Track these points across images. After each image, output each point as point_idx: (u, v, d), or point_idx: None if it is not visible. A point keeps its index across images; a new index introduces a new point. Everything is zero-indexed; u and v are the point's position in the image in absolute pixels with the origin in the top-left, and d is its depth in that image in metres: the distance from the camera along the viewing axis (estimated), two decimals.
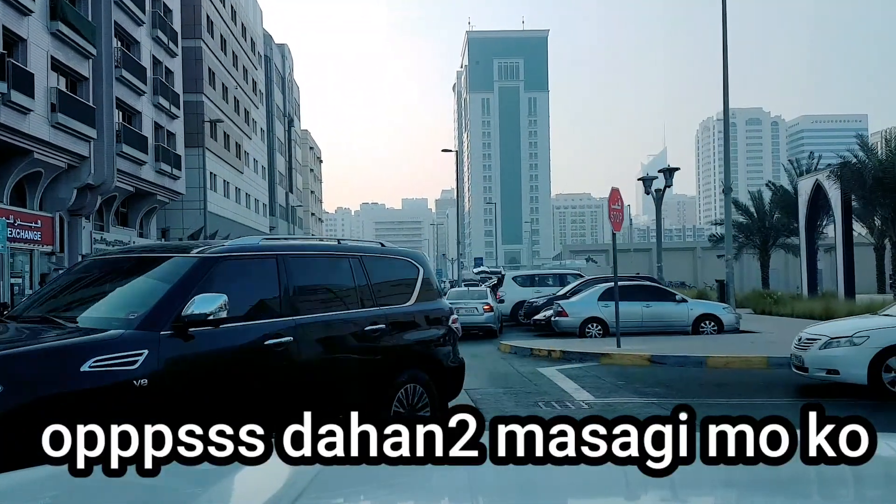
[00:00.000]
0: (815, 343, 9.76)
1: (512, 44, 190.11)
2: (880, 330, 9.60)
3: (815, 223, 29.03)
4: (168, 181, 39.07)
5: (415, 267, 6.75)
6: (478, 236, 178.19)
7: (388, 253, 6.72)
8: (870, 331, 9.55)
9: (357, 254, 6.17)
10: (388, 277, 6.49)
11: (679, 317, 16.82)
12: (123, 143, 32.74)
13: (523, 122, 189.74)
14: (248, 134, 58.33)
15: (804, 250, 28.91)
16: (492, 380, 11.82)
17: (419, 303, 6.56)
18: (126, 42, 35.17)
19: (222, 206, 49.59)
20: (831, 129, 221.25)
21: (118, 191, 33.99)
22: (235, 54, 55.35)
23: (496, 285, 26.63)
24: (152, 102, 37.31)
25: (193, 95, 44.48)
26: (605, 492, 1.60)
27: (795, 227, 34.23)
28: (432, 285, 6.94)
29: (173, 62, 40.96)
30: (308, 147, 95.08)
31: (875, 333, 9.47)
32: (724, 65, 20.64)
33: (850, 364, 9.28)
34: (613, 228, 13.81)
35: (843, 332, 9.66)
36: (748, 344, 14.57)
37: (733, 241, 39.18)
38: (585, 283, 22.15)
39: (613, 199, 13.65)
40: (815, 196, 27.74)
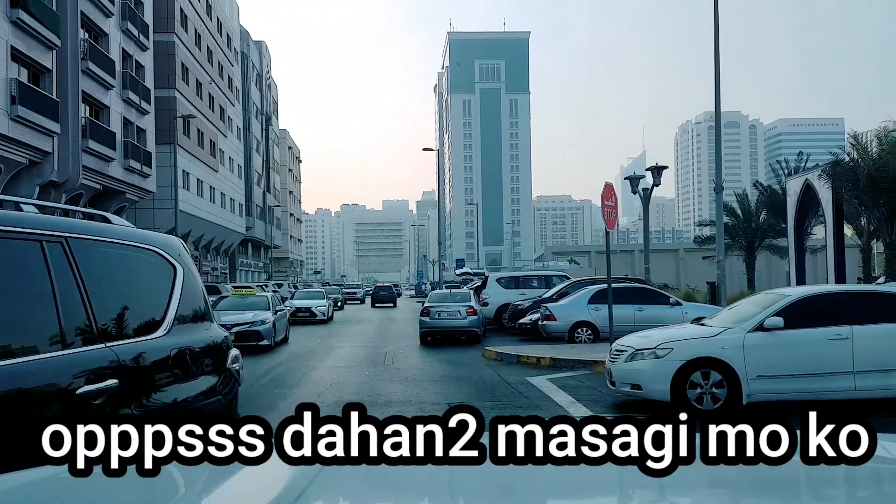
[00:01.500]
0: (622, 355, 8.90)
1: (493, 45, 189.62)
2: (686, 341, 8.74)
3: (804, 224, 28.35)
4: (138, 179, 37.66)
5: (167, 264, 3.77)
6: (459, 238, 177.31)
7: (118, 237, 3.49)
8: (675, 342, 8.69)
9: (57, 234, 2.99)
10: (118, 283, 3.48)
11: (672, 320, 15.79)
12: (90, 138, 31.37)
13: (504, 123, 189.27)
14: (223, 131, 56.87)
15: (793, 251, 28.22)
16: (477, 392, 10.80)
17: (176, 331, 3.57)
18: (93, 34, 33.78)
19: (195, 206, 48.14)
20: (809, 133, 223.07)
21: (84, 188, 32.59)
22: (210, 50, 53.92)
23: (479, 287, 25.62)
24: (121, 97, 35.89)
25: (165, 91, 43.08)
26: (603, 492, 1.61)
27: (782, 228, 33.61)
28: (197, 296, 3.99)
29: (144, 56, 39.55)
30: (286, 146, 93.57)
31: (680, 345, 8.62)
32: (715, 68, 19.81)
33: (653, 379, 8.48)
34: (607, 226, 12.86)
35: (649, 344, 8.78)
36: None
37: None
38: (572, 286, 21.23)
39: (607, 195, 12.70)
40: (805, 196, 27.08)
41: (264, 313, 17.97)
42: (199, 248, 52.09)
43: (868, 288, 11.36)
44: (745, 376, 8.22)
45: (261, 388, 11.57)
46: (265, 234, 74.40)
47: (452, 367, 13.75)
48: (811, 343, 8.33)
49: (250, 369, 12.13)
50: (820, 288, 10.48)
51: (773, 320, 8.31)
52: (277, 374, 13.48)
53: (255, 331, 17.00)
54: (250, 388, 10.93)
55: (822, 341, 8.30)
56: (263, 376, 13.00)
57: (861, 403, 8.24)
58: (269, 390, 11.46)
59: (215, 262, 57.37)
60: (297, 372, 13.76)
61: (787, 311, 8.44)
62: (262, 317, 17.65)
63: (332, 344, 19.77)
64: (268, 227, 75.57)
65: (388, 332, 24.54)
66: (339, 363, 15.07)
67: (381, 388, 11.48)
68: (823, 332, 8.35)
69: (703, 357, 8.35)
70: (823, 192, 24.89)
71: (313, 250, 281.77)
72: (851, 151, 23.07)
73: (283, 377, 13.11)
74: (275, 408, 9.45)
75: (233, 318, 17.01)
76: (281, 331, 18.95)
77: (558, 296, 20.38)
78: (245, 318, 17.41)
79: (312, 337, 21.88)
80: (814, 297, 8.99)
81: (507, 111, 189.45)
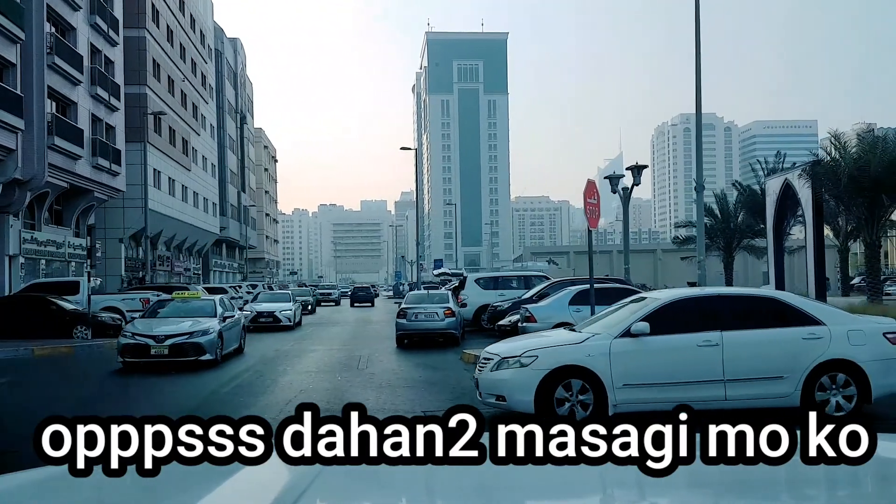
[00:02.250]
0: (488, 363, 8.30)
1: (471, 46, 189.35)
2: (552, 348, 8.13)
3: (783, 224, 28.20)
4: (106, 177, 36.66)
5: None
6: (437, 238, 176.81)
7: None
8: (541, 349, 8.07)
9: None
10: None
11: None
12: (56, 135, 30.43)
13: (483, 124, 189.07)
14: (196, 129, 55.82)
15: (772, 252, 28.05)
16: (455, 398, 10.28)
17: None
18: (60, 28, 32.81)
19: (167, 205, 47.12)
20: (783, 135, 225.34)
21: (50, 187, 31.63)
22: (183, 46, 52.90)
23: (457, 288, 25.12)
24: (90, 93, 34.93)
25: (136, 87, 42.10)
26: (604, 492, 1.64)
27: (760, 228, 33.50)
28: None
29: (114, 51, 38.56)
30: (262, 145, 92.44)
31: (545, 353, 7.99)
32: (696, 69, 19.50)
33: (517, 389, 7.90)
34: (589, 224, 12.41)
35: (515, 351, 8.21)
36: None
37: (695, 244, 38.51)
38: (552, 286, 20.79)
39: (589, 192, 12.24)
40: (784, 196, 26.91)
41: (208, 321, 15.07)
42: (171, 248, 51.07)
43: (739, 291, 10.54)
44: (612, 385, 7.73)
45: None
46: (240, 234, 73.32)
47: (430, 372, 13.23)
48: (679, 350, 7.90)
49: (174, 397, 11.41)
50: (690, 291, 9.77)
51: (640, 325, 7.88)
52: (218, 397, 10.95)
53: (194, 343, 14.21)
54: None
55: (691, 348, 7.85)
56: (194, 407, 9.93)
57: (734, 413, 7.82)
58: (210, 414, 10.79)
59: (188, 262, 56.33)
60: (258, 384, 13.03)
61: (655, 315, 8.03)
62: (204, 325, 14.77)
63: (303, 348, 19.12)
64: (243, 227, 74.51)
65: (364, 334, 23.95)
66: (310, 367, 14.46)
67: (352, 395, 10.91)
68: (692, 338, 7.90)
69: (569, 365, 7.83)
70: (803, 192, 24.70)
71: (290, 251, 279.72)
72: (832, 150, 22.89)
73: (227, 399, 10.79)
74: None
75: (167, 328, 14.59)
76: (232, 341, 16.27)
77: (538, 297, 19.93)
78: (182, 327, 14.63)
79: (276, 344, 19.43)
80: (683, 301, 8.55)
81: (485, 112, 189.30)
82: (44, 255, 32.68)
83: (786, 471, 1.50)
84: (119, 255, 41.96)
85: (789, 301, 8.47)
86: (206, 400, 10.85)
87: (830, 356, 7.83)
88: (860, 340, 7.93)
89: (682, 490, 1.58)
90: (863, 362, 7.80)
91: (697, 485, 1.62)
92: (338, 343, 20.40)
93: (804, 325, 8.01)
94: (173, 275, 50.13)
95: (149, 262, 39.83)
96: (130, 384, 12.96)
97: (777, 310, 8.33)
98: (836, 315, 8.32)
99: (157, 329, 14.55)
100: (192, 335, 14.35)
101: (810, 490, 1.63)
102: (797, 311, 8.20)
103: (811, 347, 7.87)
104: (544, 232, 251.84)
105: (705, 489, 1.62)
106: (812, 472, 1.55)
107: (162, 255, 48.64)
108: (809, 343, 7.88)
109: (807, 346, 7.87)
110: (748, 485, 1.58)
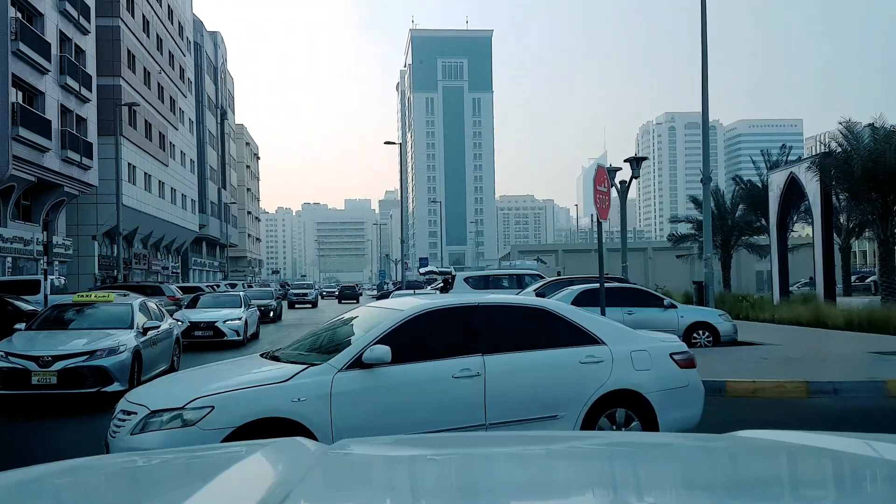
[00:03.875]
0: (127, 421, 5.21)
1: (456, 43, 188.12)
2: (238, 392, 5.20)
3: (787, 221, 27.03)
4: (77, 171, 34.90)
5: None
6: (422, 237, 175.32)
7: None
8: (219, 395, 5.14)
9: None
10: None
11: (667, 325, 14.07)
12: (20, 125, 28.70)
13: (467, 122, 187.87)
14: (173, 124, 53.99)
15: (775, 250, 26.86)
16: None
17: None
18: (26, 13, 31.07)
19: (143, 201, 45.35)
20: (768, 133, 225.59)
21: (16, 180, 29.92)
22: (160, 37, 51.10)
23: (444, 288, 23.69)
24: (58, 83, 33.17)
25: (110, 79, 40.33)
26: (605, 492, 1.62)
27: (759, 225, 32.33)
28: None
29: (85, 40, 36.79)
30: (244, 142, 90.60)
31: (227, 400, 5.10)
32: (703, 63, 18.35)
33: None
34: (599, 215, 11.02)
35: (177, 399, 5.18)
36: (763, 361, 11.86)
37: (692, 241, 37.27)
38: (548, 286, 19.43)
39: (599, 179, 10.88)
40: (789, 191, 25.73)
41: (119, 335, 10.77)
42: (147, 246, 49.28)
43: (504, 300, 7.39)
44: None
45: None
46: (221, 231, 71.49)
47: None
48: (429, 383, 5.62)
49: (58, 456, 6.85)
50: (443, 300, 6.77)
51: (376, 351, 5.42)
52: None
53: (95, 367, 9.94)
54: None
55: (445, 379, 5.62)
56: None
57: None
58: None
59: (166, 260, 54.53)
60: None
61: (396, 335, 5.64)
62: (108, 342, 10.40)
63: None
64: (223, 225, 72.67)
65: None
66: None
67: None
68: (446, 366, 5.66)
69: (267, 419, 5.06)
70: (811, 186, 23.53)
71: (274, 250, 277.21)
72: (843, 142, 21.73)
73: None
74: None
75: (57, 346, 10.28)
76: (159, 361, 12.03)
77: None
78: (76, 346, 10.30)
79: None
80: (433, 315, 6.10)
81: (469, 110, 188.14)
82: (10, 253, 30.94)
83: (784, 471, 1.58)
84: (92, 252, 40.22)
85: (562, 313, 6.35)
86: None
87: (613, 386, 5.95)
88: (645, 364, 6.11)
89: (671, 491, 1.57)
90: (649, 393, 6.01)
91: (691, 486, 1.61)
92: None
93: (582, 345, 6.07)
94: (150, 273, 48.40)
95: (121, 259, 38.06)
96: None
97: (549, 324, 6.24)
98: (618, 331, 6.41)
99: (42, 347, 10.14)
100: (93, 355, 10.00)
101: (810, 490, 1.61)
102: (573, 325, 6.21)
103: (591, 374, 5.96)
104: (529, 231, 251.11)
105: (704, 489, 1.58)
106: (812, 472, 1.64)
107: (139, 254, 46.88)
108: (588, 368, 5.97)
109: (586, 373, 5.96)
110: (748, 485, 1.56)
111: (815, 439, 2.02)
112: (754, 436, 2.19)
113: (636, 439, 3.25)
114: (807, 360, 11.59)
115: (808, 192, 23.90)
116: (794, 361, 11.36)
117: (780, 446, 2.03)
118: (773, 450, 1.97)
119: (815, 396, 9.15)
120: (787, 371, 10.43)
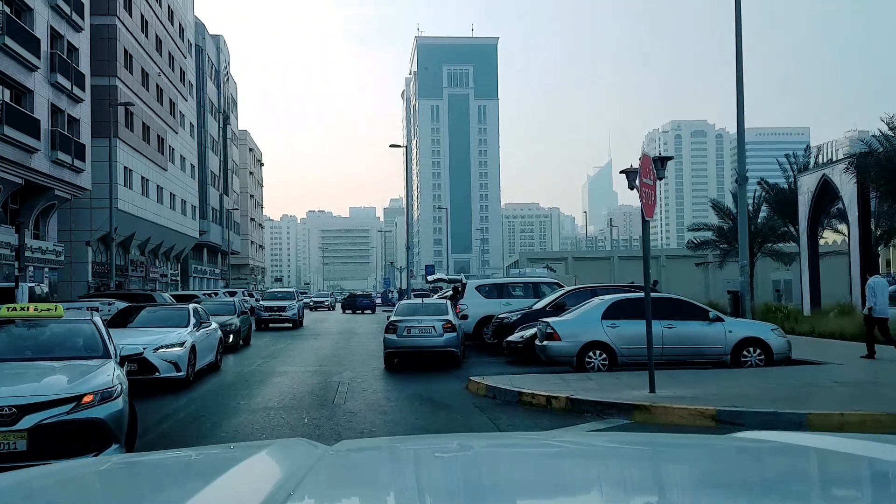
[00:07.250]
0: None
1: (461, 50, 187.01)
2: None
3: (818, 226, 25.36)
4: (69, 174, 33.40)
5: None
6: (427, 245, 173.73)
7: None
8: None
9: None
10: None
11: (714, 341, 12.42)
12: (6, 124, 27.22)
13: (473, 130, 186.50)
14: (173, 127, 52.51)
15: (806, 257, 25.15)
16: None
17: None
18: (15, 7, 29.66)
19: (140, 206, 43.82)
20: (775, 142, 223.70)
21: (2, 182, 28.44)
22: (160, 38, 49.70)
23: (453, 296, 22.00)
24: (49, 81, 31.72)
25: (105, 79, 38.86)
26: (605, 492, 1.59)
27: (784, 231, 30.67)
28: None
29: (78, 37, 35.37)
30: (247, 148, 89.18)
31: None
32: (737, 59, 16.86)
33: None
34: (645, 213, 9.39)
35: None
36: (835, 385, 10.05)
37: (712, 248, 35.54)
38: (569, 295, 17.80)
39: (644, 170, 9.23)
40: (821, 194, 24.07)
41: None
42: (145, 252, 47.75)
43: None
44: None
45: None
46: (222, 238, 69.94)
47: (428, 411, 10.05)
48: None
49: None
50: None
51: None
52: None
53: (85, 421, 6.35)
54: None
55: None
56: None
57: None
58: None
59: (165, 267, 53.00)
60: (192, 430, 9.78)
61: None
62: (100, 379, 6.81)
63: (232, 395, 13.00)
64: (225, 232, 71.14)
65: (348, 358, 20.87)
66: (269, 403, 11.37)
67: None
68: None
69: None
70: (846, 188, 21.89)
71: (279, 257, 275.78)
72: (883, 140, 20.11)
73: None
74: None
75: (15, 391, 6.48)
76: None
77: (553, 307, 16.97)
78: (51, 387, 6.63)
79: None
80: None
81: (475, 117, 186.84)
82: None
83: (785, 471, 1.55)
84: (86, 259, 38.72)
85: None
86: None
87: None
88: None
89: (672, 491, 1.54)
90: None
91: (692, 486, 1.58)
92: (308, 366, 17.26)
93: None
94: (148, 281, 46.87)
95: (114, 266, 36.51)
96: None
97: None
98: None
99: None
100: (80, 402, 6.44)
101: (811, 490, 1.60)
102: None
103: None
104: (534, 239, 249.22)
105: (704, 489, 1.56)
106: (813, 472, 1.64)
107: (135, 260, 45.36)
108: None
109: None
110: (748, 485, 1.55)
111: (816, 440, 2.03)
112: (755, 436, 2.20)
113: (638, 439, 3.18)
114: (878, 383, 9.90)
115: (844, 195, 22.26)
116: (872, 385, 9.66)
117: (780, 447, 2.02)
118: (773, 450, 1.97)
119: None
120: (871, 399, 8.72)
